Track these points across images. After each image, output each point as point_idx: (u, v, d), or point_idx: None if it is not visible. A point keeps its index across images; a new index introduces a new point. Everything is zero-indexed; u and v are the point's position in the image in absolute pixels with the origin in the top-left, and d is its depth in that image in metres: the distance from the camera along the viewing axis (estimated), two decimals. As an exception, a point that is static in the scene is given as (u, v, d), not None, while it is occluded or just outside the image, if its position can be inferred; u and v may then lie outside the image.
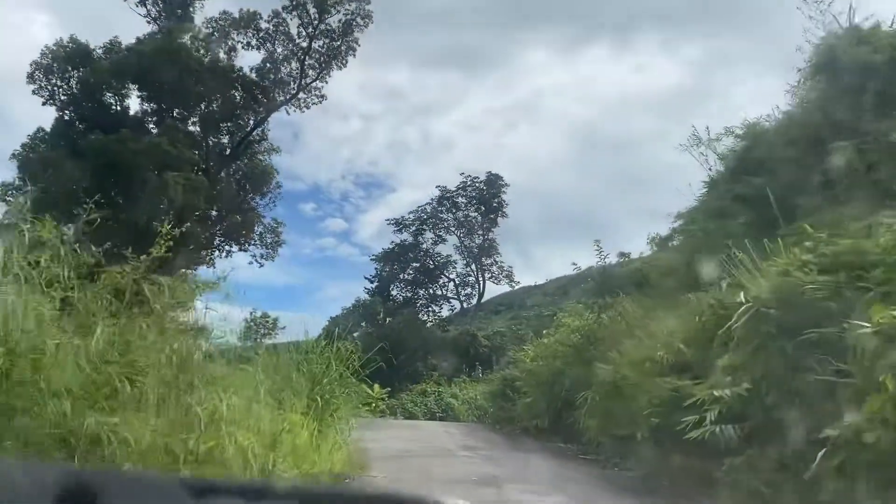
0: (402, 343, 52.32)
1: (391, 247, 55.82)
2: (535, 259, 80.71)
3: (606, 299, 17.40)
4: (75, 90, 27.80)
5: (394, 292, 55.99)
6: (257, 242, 32.83)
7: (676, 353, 10.34)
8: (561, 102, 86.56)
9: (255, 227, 32.48)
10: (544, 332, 21.22)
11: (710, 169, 21.18)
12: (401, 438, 15.89)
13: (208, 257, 32.89)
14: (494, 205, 54.12)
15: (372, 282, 56.47)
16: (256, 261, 32.59)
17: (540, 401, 18.02)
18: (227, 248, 33.27)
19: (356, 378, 11.81)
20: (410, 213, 55.25)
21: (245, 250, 33.67)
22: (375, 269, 56.48)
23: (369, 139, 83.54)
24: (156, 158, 23.97)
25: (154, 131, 27.31)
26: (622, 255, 19.94)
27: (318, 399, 9.15)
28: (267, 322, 48.62)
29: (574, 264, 20.02)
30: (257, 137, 31.53)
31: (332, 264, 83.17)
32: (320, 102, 30.54)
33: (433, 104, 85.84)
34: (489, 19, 78.49)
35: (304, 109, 30.56)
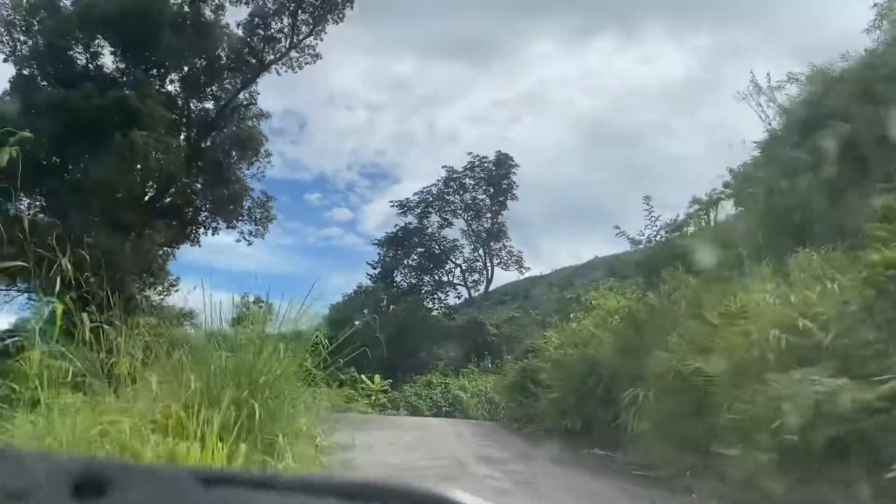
0: (406, 331, 49.13)
1: (395, 230, 52.53)
2: (540, 250, 78.56)
3: (653, 278, 14.17)
4: (39, 45, 24.46)
5: (398, 278, 52.76)
6: (245, 218, 29.46)
7: (802, 335, 6.99)
8: (567, 94, 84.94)
9: (244, 201, 29.10)
10: (571, 315, 17.93)
11: (769, 123, 17.92)
12: (399, 444, 12.57)
13: (193, 234, 29.67)
14: (504, 186, 50.67)
15: (374, 267, 53.23)
16: (244, 238, 29.30)
17: (569, 397, 14.71)
18: (213, 224, 29.96)
19: (337, 371, 8.38)
20: (415, 194, 51.91)
21: (233, 227, 30.32)
22: (378, 254, 53.23)
23: (375, 130, 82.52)
24: (123, 116, 20.67)
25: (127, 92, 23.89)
26: (670, 225, 16.67)
27: (254, 408, 5.76)
28: (261, 308, 44.98)
29: (596, 256, 16.64)
30: (245, 101, 28.17)
31: (337, 254, 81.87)
32: (314, 62, 27.16)
33: (439, 95, 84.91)
34: (495, 9, 77.03)
35: (297, 69, 27.19)
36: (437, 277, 52.64)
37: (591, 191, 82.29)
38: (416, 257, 52.44)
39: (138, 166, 21.79)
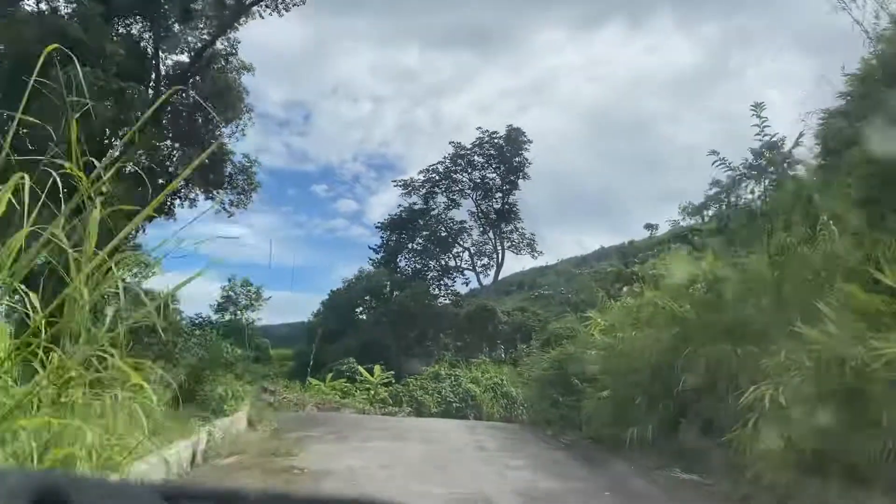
0: (410, 319, 45.17)
1: (398, 212, 48.47)
2: (546, 239, 75.76)
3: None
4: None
5: (401, 263, 48.75)
6: (227, 186, 25.29)
7: None
8: (574, 83, 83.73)
9: (224, 166, 24.89)
10: (624, 288, 13.86)
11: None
12: (400, 467, 8.40)
13: (167, 206, 25.51)
14: (515, 164, 46.47)
15: (377, 252, 49.25)
16: (225, 209, 25.13)
17: (629, 395, 10.63)
18: (189, 193, 25.77)
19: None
20: (420, 173, 47.76)
21: (212, 197, 26.11)
22: (381, 237, 49.24)
23: (380, 121, 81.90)
24: (60, 48, 16.45)
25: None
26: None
27: None
28: (249, 292, 41.49)
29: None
30: (224, 51, 24.00)
31: (343, 245, 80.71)
32: (303, 2, 22.93)
33: (445, 85, 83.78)
34: (501, -2, 74.27)
35: (283, 12, 22.99)
36: (443, 262, 48.57)
37: (598, 180, 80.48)
38: (420, 241, 48.38)
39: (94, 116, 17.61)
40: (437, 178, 47.25)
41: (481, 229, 48.08)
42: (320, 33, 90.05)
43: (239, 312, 37.43)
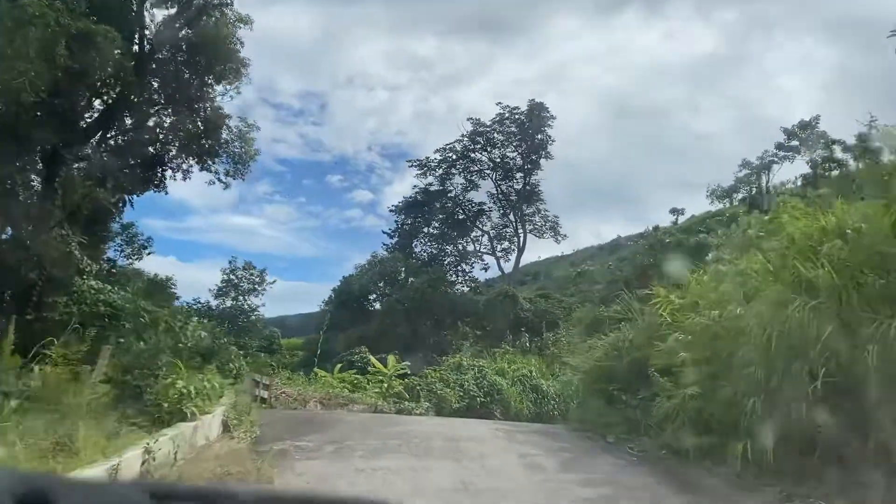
0: (426, 306, 42.34)
1: (413, 194, 45.51)
2: (561, 229, 73.16)
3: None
4: None
5: (416, 248, 45.82)
6: (221, 154, 22.46)
7: None
8: (590, 71, 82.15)
9: (220, 132, 22.04)
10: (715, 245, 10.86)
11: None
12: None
13: (157, 177, 22.76)
14: (538, 141, 43.30)
15: (391, 236, 46.37)
16: (220, 180, 22.37)
17: (734, 395, 7.66)
18: (181, 164, 22.99)
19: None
20: (436, 152, 44.68)
21: (207, 168, 23.32)
22: (395, 221, 46.32)
23: (395, 110, 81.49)
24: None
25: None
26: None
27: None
28: (252, 275, 38.54)
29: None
30: (218, 0, 21.12)
31: (358, 235, 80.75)
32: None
33: (460, 74, 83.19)
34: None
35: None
36: (460, 246, 45.57)
37: (614, 169, 79.26)
38: (437, 224, 45.40)
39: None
40: (454, 157, 44.19)
41: (501, 212, 45.04)
42: (335, 22, 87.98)
43: (241, 298, 34.65)
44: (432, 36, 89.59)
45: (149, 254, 28.47)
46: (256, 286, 35.06)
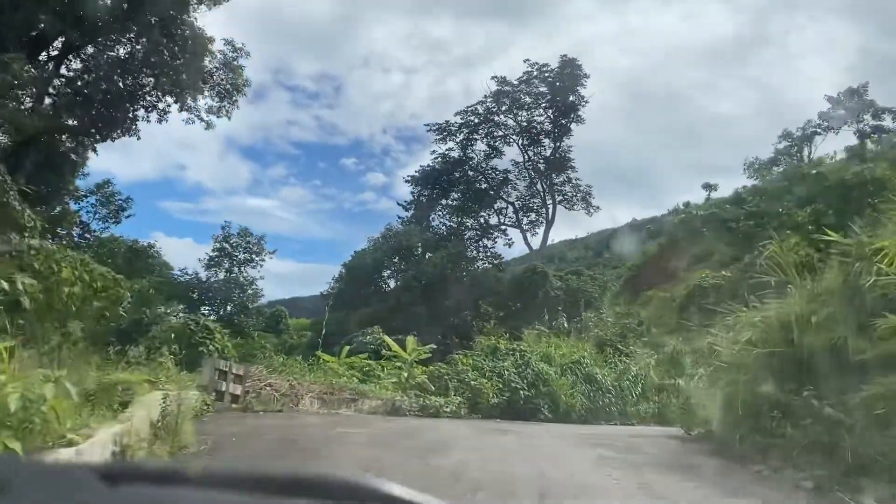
0: (445, 284, 37.94)
1: (431, 163, 40.88)
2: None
3: None
4: None
5: (434, 222, 41.28)
6: (204, 89, 18.02)
7: None
8: (607, 52, 78.73)
9: (202, 60, 17.65)
10: None
11: None
12: None
13: (126, 118, 18.40)
14: (569, 103, 38.48)
15: (406, 209, 41.84)
16: (200, 119, 17.97)
17: None
18: (156, 102, 18.61)
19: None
20: (457, 114, 39.93)
21: (188, 108, 18.97)
22: (411, 193, 41.78)
23: (411, 93, 79.44)
24: None
25: None
26: None
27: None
28: (248, 244, 33.83)
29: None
30: None
31: (372, 218, 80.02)
32: None
33: (476, 56, 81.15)
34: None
35: None
36: (482, 220, 40.96)
37: (629, 153, 77.22)
38: (457, 195, 40.80)
39: None
40: (476, 121, 39.47)
41: (528, 181, 40.35)
42: (350, 3, 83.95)
43: (237, 269, 30.07)
44: (448, 17, 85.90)
45: (128, 216, 24.21)
46: (254, 256, 30.48)
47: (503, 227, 40.57)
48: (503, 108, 39.02)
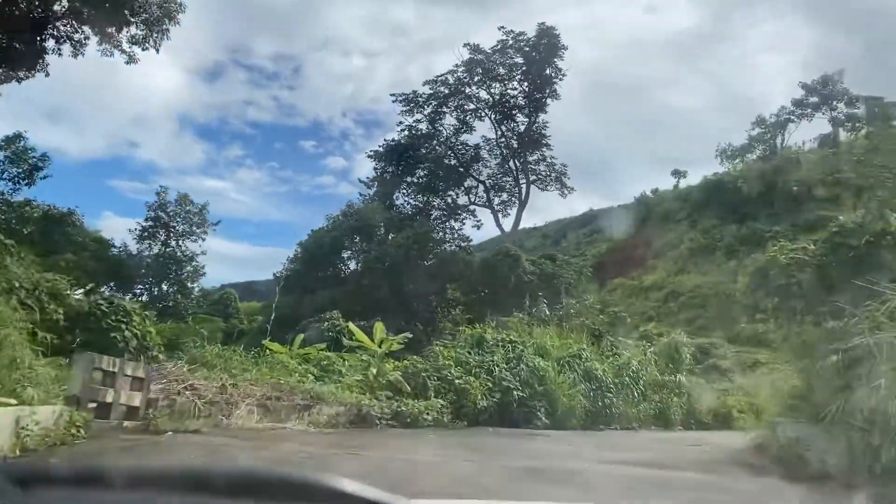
0: (410, 267, 34.84)
1: (396, 138, 37.61)
2: (537, 202, 69.53)
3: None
4: None
5: (399, 200, 38.07)
6: (130, 17, 14.48)
7: None
8: (569, 42, 76.66)
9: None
10: None
11: None
12: None
13: (34, 51, 14.80)
14: (547, 75, 35.62)
15: (369, 186, 38.57)
16: (122, 51, 14.42)
17: None
18: (72, 32, 15.12)
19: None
20: (426, 83, 36.66)
21: (110, 40, 15.43)
22: (374, 169, 38.49)
23: (372, 77, 77.82)
24: None
25: None
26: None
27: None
28: (189, 213, 29.65)
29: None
30: None
31: (331, 203, 77.65)
32: None
33: (438, 42, 79.28)
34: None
35: None
36: (449, 199, 37.88)
37: (588, 143, 76.84)
38: (423, 172, 37.61)
39: None
40: (446, 92, 36.27)
41: (500, 158, 37.42)
42: None
43: (176, 242, 26.15)
44: (411, 1, 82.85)
45: (44, 177, 20.31)
46: (195, 228, 26.55)
47: (472, 208, 37.62)
48: (475, 78, 35.95)
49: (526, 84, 35.89)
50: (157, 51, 14.64)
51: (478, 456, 7.29)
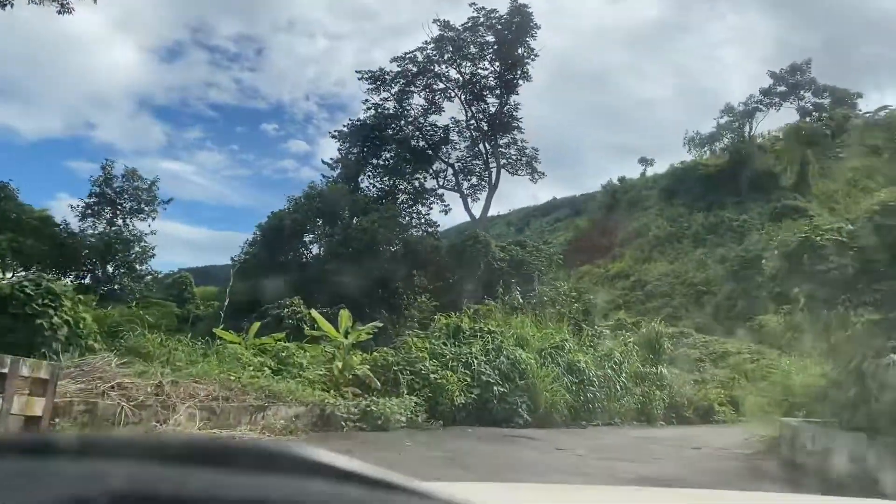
0: (375, 252, 33.41)
1: (362, 117, 35.98)
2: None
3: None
4: None
5: (364, 183, 36.48)
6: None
7: None
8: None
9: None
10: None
11: None
12: None
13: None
14: (519, 55, 34.36)
15: (333, 167, 36.89)
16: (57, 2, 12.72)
17: None
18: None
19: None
20: (393, 60, 35.02)
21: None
22: (339, 150, 36.80)
23: (335, 60, 75.72)
24: None
25: None
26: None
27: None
28: (137, 189, 27.17)
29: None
30: None
31: (292, 187, 76.46)
32: None
33: (403, 26, 77.01)
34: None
35: None
36: (417, 183, 36.43)
37: (553, 131, 76.86)
38: (390, 155, 36.06)
39: None
40: (414, 70, 34.71)
41: (470, 141, 36.11)
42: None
43: (123, 220, 24.03)
44: None
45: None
46: (144, 206, 24.48)
47: (441, 192, 36.27)
48: (445, 56, 34.45)
49: (497, 64, 34.57)
50: (95, 1, 12.88)
51: (470, 475, 6.05)
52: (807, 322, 7.68)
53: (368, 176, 36.60)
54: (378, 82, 34.93)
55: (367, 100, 35.07)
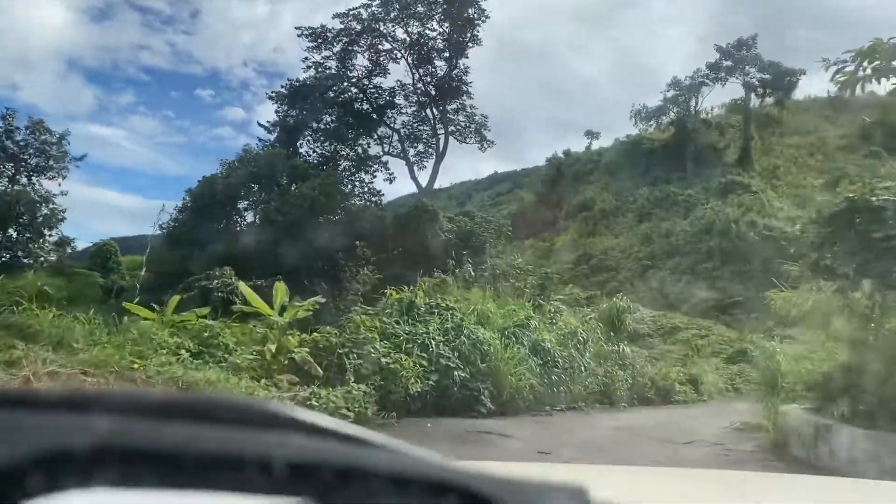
0: (315, 221, 31.37)
1: (301, 78, 33.59)
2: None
3: None
4: None
5: (303, 148, 34.25)
6: None
7: None
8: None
9: None
10: None
11: None
12: None
13: None
14: (468, 16, 32.58)
15: (270, 131, 34.45)
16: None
17: None
18: None
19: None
20: (336, 17, 32.63)
21: None
22: (276, 112, 34.34)
23: (275, 25, 72.03)
24: None
25: None
26: None
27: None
28: (44, 143, 23.67)
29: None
30: None
31: (229, 155, 72.00)
32: None
33: None
34: None
35: None
36: (360, 149, 34.42)
37: (491, 106, 75.48)
38: (331, 118, 33.88)
39: None
40: (358, 28, 32.49)
41: (416, 106, 34.25)
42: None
43: (28, 178, 21.08)
44: None
45: None
46: (52, 162, 21.54)
47: (385, 159, 34.40)
48: (392, 14, 32.34)
49: (447, 24, 32.72)
50: None
51: None
52: (839, 300, 6.52)
53: (308, 140, 34.45)
54: (319, 40, 32.60)
55: (306, 58, 32.70)
